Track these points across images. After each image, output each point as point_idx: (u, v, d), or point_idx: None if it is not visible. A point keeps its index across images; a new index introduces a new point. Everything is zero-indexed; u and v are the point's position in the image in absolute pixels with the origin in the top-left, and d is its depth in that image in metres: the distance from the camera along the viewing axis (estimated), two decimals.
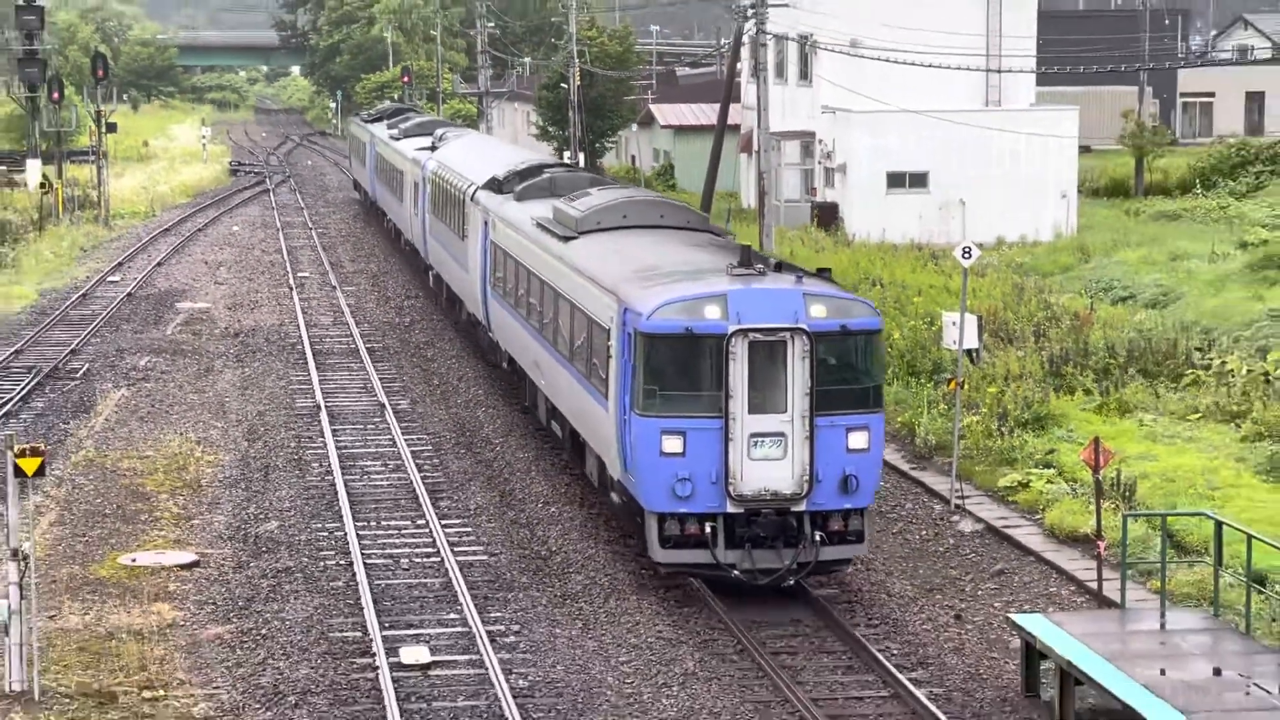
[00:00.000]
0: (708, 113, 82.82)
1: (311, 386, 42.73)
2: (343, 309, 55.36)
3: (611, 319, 26.90)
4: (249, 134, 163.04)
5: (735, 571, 25.37)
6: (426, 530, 30.32)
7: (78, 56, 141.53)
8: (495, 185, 41.18)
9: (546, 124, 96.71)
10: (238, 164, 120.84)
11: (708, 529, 25.35)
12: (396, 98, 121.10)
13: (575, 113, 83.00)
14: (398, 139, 67.56)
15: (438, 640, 24.70)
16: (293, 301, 57.04)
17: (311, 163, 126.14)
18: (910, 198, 66.87)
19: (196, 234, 77.71)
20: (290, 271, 64.46)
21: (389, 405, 40.29)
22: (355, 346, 48.54)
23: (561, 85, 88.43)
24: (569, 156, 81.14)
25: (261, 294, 59.37)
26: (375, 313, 55.07)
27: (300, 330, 51.22)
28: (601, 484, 29.29)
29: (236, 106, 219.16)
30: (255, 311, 55.44)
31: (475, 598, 26.40)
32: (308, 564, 28.55)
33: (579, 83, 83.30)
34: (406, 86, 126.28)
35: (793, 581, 25.67)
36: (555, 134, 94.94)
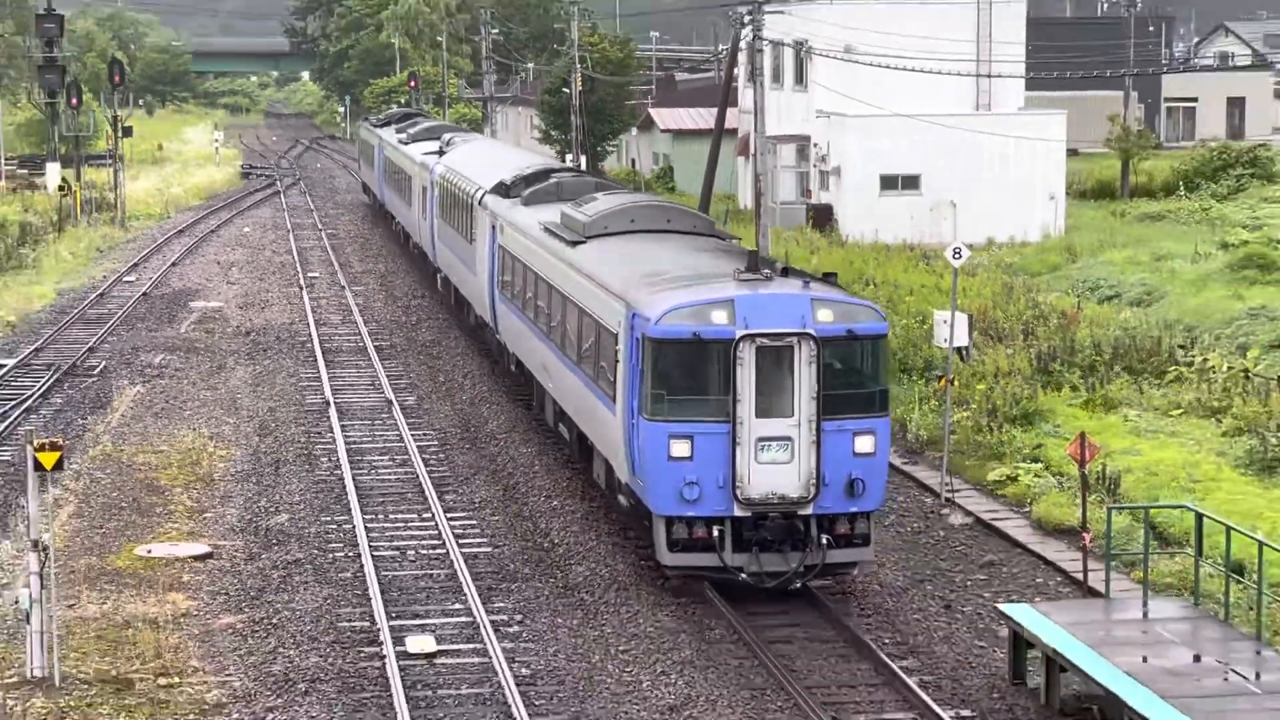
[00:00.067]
0: (706, 117, 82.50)
1: (321, 383, 42.81)
2: (351, 308, 55.28)
3: (619, 323, 26.68)
4: (260, 138, 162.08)
5: (742, 575, 25.20)
6: (432, 523, 30.45)
7: (95, 63, 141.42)
8: (503, 190, 40.70)
9: (549, 128, 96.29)
10: (249, 167, 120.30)
11: (715, 532, 25.14)
12: (403, 102, 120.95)
13: (577, 117, 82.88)
14: (406, 143, 66.98)
15: (443, 630, 24.91)
16: (303, 301, 56.95)
17: (321, 165, 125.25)
18: (903, 199, 67.00)
19: (209, 235, 77.60)
20: (300, 272, 64.30)
21: (396, 401, 40.36)
22: (363, 345, 48.55)
23: (564, 90, 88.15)
24: (571, 160, 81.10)
25: (272, 293, 59.27)
26: (383, 312, 54.99)
27: (310, 329, 51.23)
28: (609, 487, 29.12)
29: (248, 111, 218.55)
30: (266, 310, 55.43)
31: (479, 589, 26.56)
32: (317, 555, 28.68)
33: (581, 88, 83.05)
34: (413, 91, 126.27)
35: (799, 585, 25.49)
36: (557, 138, 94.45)
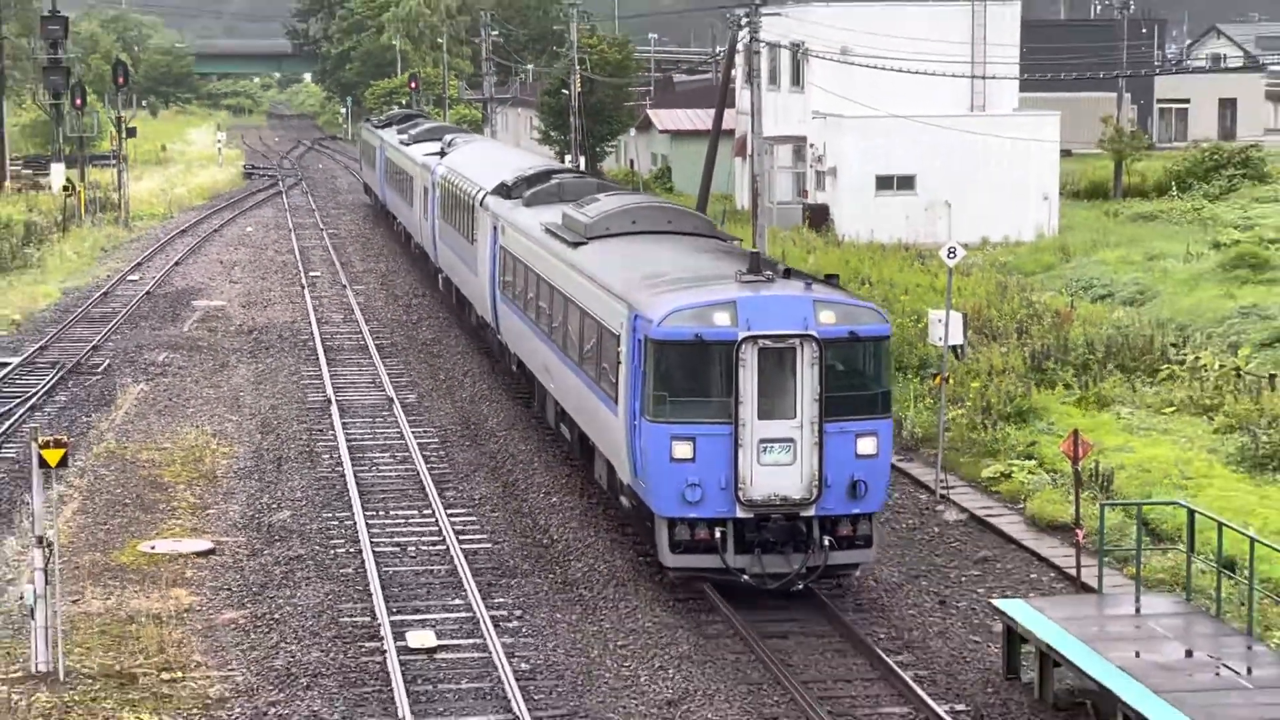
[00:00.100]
0: (703, 118, 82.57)
1: (322, 381, 42.94)
2: (353, 307, 55.36)
3: (621, 325, 26.56)
4: (262, 138, 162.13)
5: (744, 576, 25.12)
6: (433, 519, 30.56)
7: (99, 65, 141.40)
8: (504, 190, 40.64)
9: (548, 129, 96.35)
10: (252, 167, 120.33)
11: (717, 534, 25.04)
12: (404, 103, 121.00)
13: (576, 118, 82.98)
14: (407, 144, 66.95)
15: (443, 625, 25.02)
16: (305, 300, 57.02)
17: (322, 166, 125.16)
18: (898, 199, 67.21)
19: (212, 235, 77.69)
20: (302, 271, 64.40)
21: (397, 399, 40.46)
22: (365, 343, 48.65)
23: (563, 91, 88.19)
24: (570, 160, 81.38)
25: (274, 292, 59.36)
26: (384, 311, 55.07)
27: (312, 327, 51.33)
28: (611, 488, 29.08)
29: (250, 112, 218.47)
30: (268, 309, 55.52)
31: (479, 584, 26.69)
32: (319, 551, 28.80)
33: (580, 89, 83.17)
34: (414, 93, 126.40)
35: (801, 586, 25.39)
36: (557, 138, 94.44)
